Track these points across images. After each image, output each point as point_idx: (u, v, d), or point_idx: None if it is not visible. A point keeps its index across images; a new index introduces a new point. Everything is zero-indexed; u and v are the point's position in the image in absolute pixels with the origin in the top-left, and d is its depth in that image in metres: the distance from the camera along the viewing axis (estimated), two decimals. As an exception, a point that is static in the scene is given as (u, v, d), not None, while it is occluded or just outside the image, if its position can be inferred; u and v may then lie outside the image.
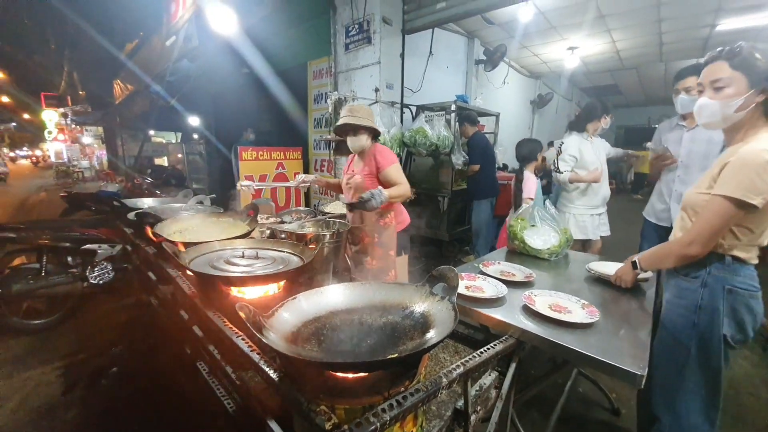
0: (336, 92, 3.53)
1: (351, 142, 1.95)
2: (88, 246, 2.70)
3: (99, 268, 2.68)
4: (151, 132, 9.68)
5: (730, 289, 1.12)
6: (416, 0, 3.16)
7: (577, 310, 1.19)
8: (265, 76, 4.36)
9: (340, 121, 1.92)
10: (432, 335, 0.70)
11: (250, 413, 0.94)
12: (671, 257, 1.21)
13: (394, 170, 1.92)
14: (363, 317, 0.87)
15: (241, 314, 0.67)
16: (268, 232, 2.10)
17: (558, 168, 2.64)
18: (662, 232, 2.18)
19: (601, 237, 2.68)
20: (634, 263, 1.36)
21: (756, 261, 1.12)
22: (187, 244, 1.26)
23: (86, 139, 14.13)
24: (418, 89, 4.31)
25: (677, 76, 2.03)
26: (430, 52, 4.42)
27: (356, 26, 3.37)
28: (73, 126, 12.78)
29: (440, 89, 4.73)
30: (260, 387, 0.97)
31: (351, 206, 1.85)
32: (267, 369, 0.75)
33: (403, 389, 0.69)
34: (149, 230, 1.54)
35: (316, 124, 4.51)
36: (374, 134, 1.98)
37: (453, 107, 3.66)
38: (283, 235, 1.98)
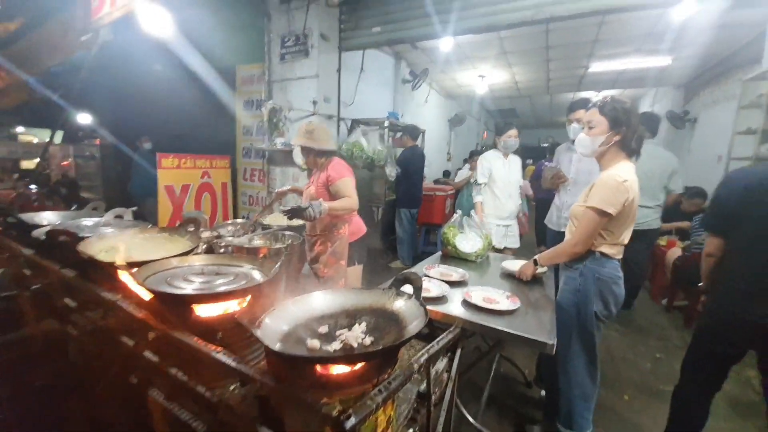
0: (272, 101, 3.49)
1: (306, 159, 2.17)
2: (-48, 272, 2.16)
3: (-29, 299, 2.17)
4: (20, 129, 7.92)
5: (599, 278, 1.51)
6: (353, 20, 3.34)
7: (503, 300, 1.48)
8: (186, 76, 4.03)
9: (294, 141, 2.19)
10: (410, 327, 0.85)
11: (228, 428, 0.96)
12: (563, 255, 1.59)
13: (343, 184, 2.03)
14: (340, 321, 0.98)
15: (243, 324, 0.73)
16: (203, 246, 2.00)
17: (477, 179, 3.02)
18: (561, 237, 2.66)
19: (513, 249, 3.04)
20: (534, 261, 1.73)
21: (620, 256, 1.54)
22: (137, 264, 1.19)
23: None
24: (351, 103, 4.49)
25: (570, 108, 2.44)
26: (362, 68, 4.65)
27: (293, 38, 3.40)
28: None
29: (371, 104, 4.99)
30: (235, 401, 0.99)
31: (287, 213, 1.90)
32: (260, 378, 0.81)
33: (386, 376, 0.82)
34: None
35: (246, 132, 4.34)
36: (325, 153, 2.13)
37: (386, 123, 3.93)
38: (222, 250, 1.92)
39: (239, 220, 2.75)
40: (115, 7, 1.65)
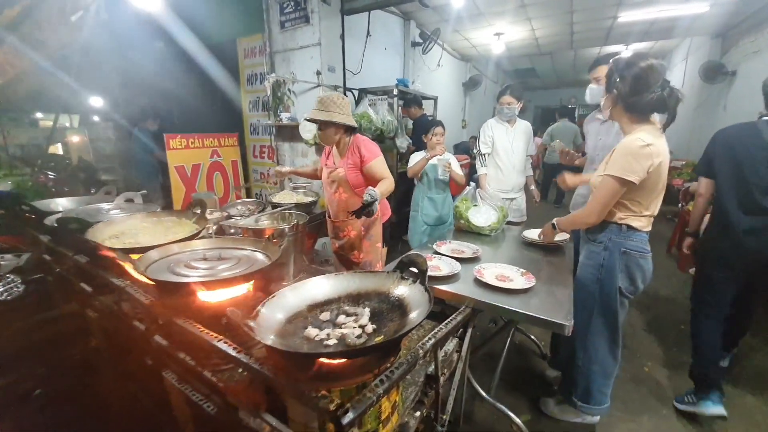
0: (274, 74, 3.35)
1: (321, 137, 1.88)
2: (-15, 258, 2.27)
3: (4, 282, 2.29)
4: (39, 115, 8.09)
5: (624, 251, 1.41)
6: (354, -20, 3.10)
7: (517, 278, 1.41)
8: (188, 53, 3.91)
9: (309, 115, 1.83)
10: (412, 317, 0.80)
11: (233, 411, 0.96)
12: (578, 224, 1.51)
13: (379, 164, 1.85)
14: (343, 307, 0.94)
15: (234, 319, 0.70)
16: (214, 228, 2.00)
17: (480, 149, 2.71)
18: None
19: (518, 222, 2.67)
20: (553, 225, 1.63)
21: (649, 228, 1.42)
22: (139, 250, 1.18)
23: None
24: (358, 71, 4.27)
25: (591, 66, 2.00)
26: (368, 33, 4.37)
27: (291, 3, 3.19)
28: None
29: (380, 71, 4.74)
30: (242, 386, 0.99)
31: (356, 214, 1.68)
32: (259, 367, 0.79)
33: (389, 365, 0.78)
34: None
35: (252, 107, 4.24)
36: (347, 129, 1.87)
37: (395, 91, 3.73)
38: (232, 231, 1.91)
39: (248, 200, 2.74)
40: (96, -21, 1.55)
